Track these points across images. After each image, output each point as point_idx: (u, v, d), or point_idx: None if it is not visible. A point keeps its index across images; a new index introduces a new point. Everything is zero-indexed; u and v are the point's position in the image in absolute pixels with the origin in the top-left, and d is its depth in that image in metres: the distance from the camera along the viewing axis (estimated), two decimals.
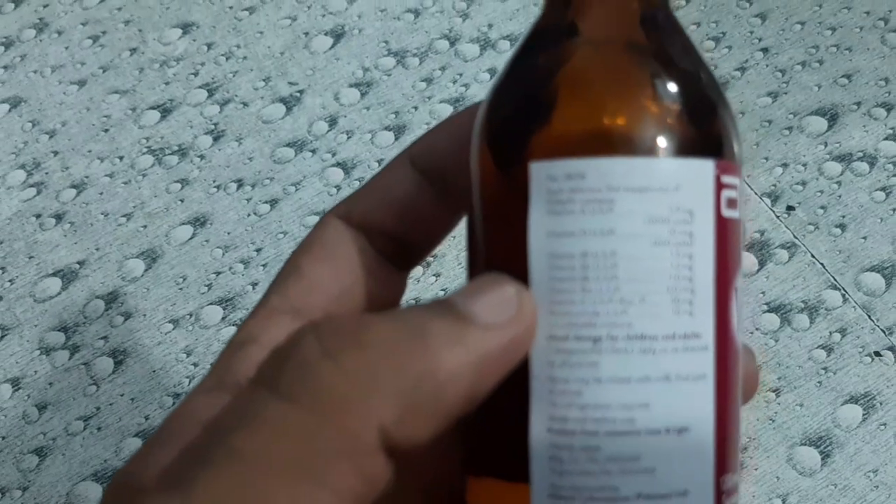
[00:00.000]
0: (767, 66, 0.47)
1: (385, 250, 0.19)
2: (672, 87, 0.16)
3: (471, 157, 0.18)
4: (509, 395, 0.16)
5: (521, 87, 0.17)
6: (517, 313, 0.15)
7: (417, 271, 0.41)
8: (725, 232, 0.16)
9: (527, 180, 0.16)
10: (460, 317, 0.15)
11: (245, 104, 0.46)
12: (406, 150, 0.19)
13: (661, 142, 0.16)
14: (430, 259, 0.42)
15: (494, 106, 0.17)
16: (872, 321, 0.40)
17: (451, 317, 0.15)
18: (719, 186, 0.16)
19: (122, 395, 0.39)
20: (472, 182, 0.18)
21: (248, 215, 0.43)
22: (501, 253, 0.17)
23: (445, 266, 0.42)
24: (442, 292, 0.42)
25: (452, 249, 0.41)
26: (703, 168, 0.16)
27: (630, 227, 0.16)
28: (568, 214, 0.16)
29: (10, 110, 0.47)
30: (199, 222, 0.43)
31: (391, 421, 0.14)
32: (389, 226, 0.19)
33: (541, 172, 0.16)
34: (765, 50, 0.47)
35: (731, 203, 0.16)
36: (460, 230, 0.19)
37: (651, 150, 0.16)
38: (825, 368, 0.39)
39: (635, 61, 0.17)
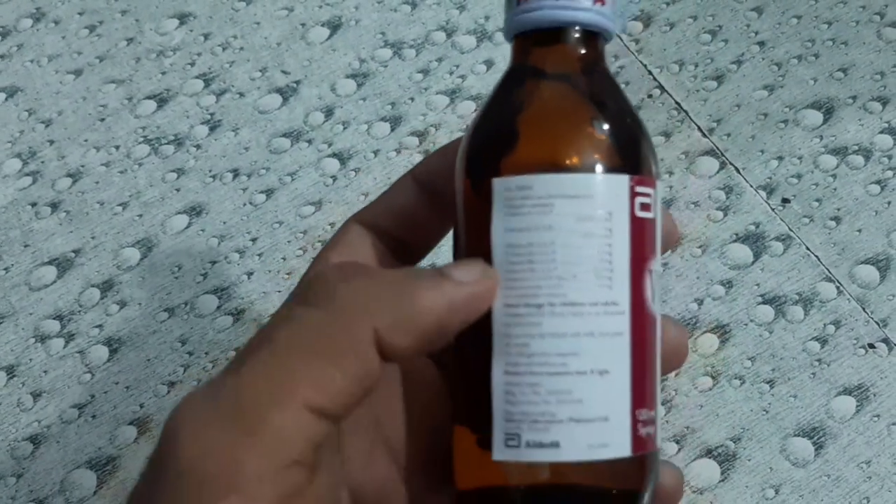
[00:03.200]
0: (763, 59, 0.47)
1: (395, 250, 0.24)
2: (601, 123, 0.23)
3: (456, 178, 0.24)
4: (478, 349, 0.22)
5: (487, 125, 0.23)
6: (481, 277, 0.22)
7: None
8: (638, 228, 0.22)
9: (491, 192, 0.22)
10: (441, 274, 0.21)
11: (241, 94, 0.46)
12: (411, 170, 0.25)
13: (589, 162, 0.22)
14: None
15: (470, 139, 0.24)
16: (867, 313, 0.40)
17: (435, 273, 0.21)
18: (633, 195, 0.22)
19: (116, 384, 0.39)
20: (456, 195, 0.23)
21: (244, 205, 0.43)
22: (474, 243, 0.23)
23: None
24: None
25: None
26: (620, 181, 0.22)
27: (564, 224, 0.22)
28: (519, 215, 0.22)
29: (6, 99, 0.47)
30: (194, 212, 0.43)
31: (382, 327, 0.20)
32: (393, 229, 0.24)
33: (500, 186, 0.22)
34: (761, 43, 0.47)
35: (644, 207, 0.22)
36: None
37: (581, 168, 0.22)
38: (819, 360, 0.39)
39: (571, 105, 0.23)
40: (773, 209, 0.43)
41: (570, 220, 0.22)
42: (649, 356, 0.23)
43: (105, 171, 0.45)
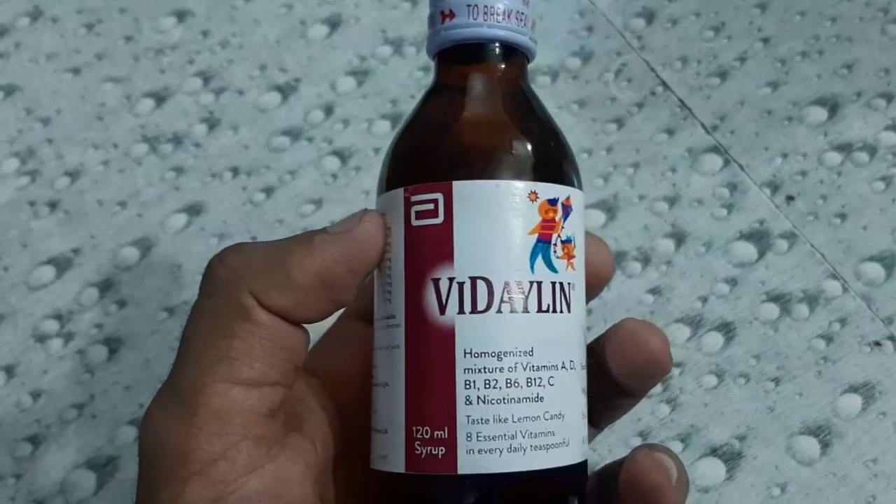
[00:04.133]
0: (767, 56, 0.46)
1: None
2: (398, 142, 0.24)
3: None
4: None
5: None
6: (358, 225, 0.23)
7: None
8: (414, 237, 0.22)
9: None
10: (317, 230, 0.23)
11: (241, 93, 0.46)
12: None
13: (383, 182, 0.24)
14: None
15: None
16: (872, 311, 0.39)
17: (313, 231, 0.23)
18: (408, 205, 0.22)
19: (116, 384, 0.39)
20: None
21: (244, 204, 0.43)
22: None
23: None
24: None
25: None
26: (396, 195, 0.23)
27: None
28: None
29: (4, 98, 0.46)
30: (194, 211, 0.43)
31: (258, 288, 0.22)
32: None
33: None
34: (765, 40, 0.47)
35: (422, 214, 0.22)
36: None
37: (380, 189, 0.24)
38: (825, 358, 0.39)
39: (402, 128, 0.25)
40: (777, 207, 0.42)
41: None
42: (430, 368, 0.21)
43: (104, 169, 0.44)
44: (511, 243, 0.22)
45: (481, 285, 0.21)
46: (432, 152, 0.23)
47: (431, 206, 0.22)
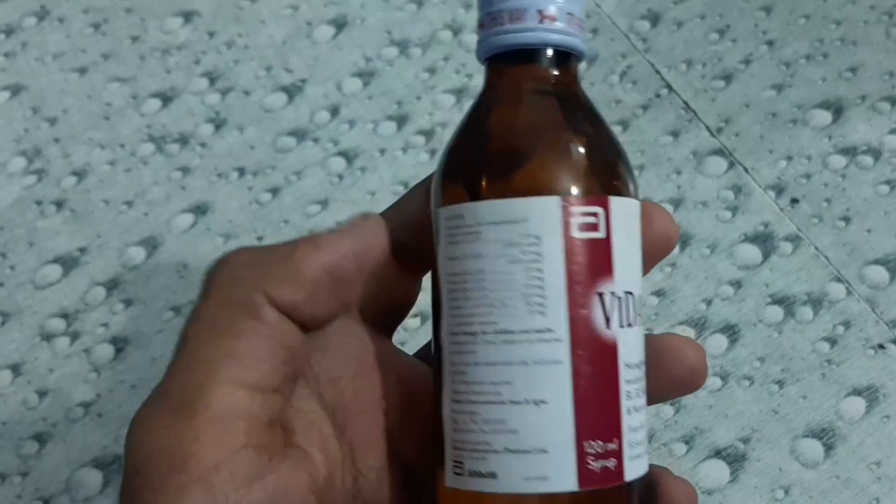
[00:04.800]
0: (772, 59, 0.46)
1: (407, 260, 0.24)
2: (528, 146, 0.22)
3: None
4: (437, 375, 0.23)
5: (448, 151, 0.24)
6: (361, 224, 0.23)
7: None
8: (577, 250, 0.21)
9: (438, 222, 0.23)
10: (323, 230, 0.23)
11: (247, 93, 0.46)
12: (423, 181, 0.25)
13: (511, 187, 0.22)
14: None
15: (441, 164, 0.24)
16: (876, 314, 0.40)
17: (320, 231, 0.23)
18: (567, 215, 0.21)
19: (122, 382, 0.39)
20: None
21: (250, 204, 0.43)
22: (433, 270, 0.23)
23: None
24: None
25: None
26: (548, 203, 0.21)
27: (491, 251, 0.21)
28: (454, 244, 0.22)
29: (11, 97, 0.46)
30: (200, 210, 0.43)
31: (269, 285, 0.21)
32: (408, 240, 0.24)
33: (441, 216, 0.23)
34: (770, 43, 0.47)
35: (585, 227, 0.21)
36: None
37: (503, 194, 0.22)
38: (829, 361, 0.39)
39: (504, 129, 0.23)
40: (781, 209, 0.42)
41: (497, 246, 0.21)
42: (603, 383, 0.22)
43: (110, 169, 0.44)
44: (640, 258, 0.23)
45: (630, 300, 0.22)
46: (592, 166, 0.22)
47: (594, 219, 0.22)
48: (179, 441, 0.19)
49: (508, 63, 0.23)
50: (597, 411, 0.21)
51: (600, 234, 0.22)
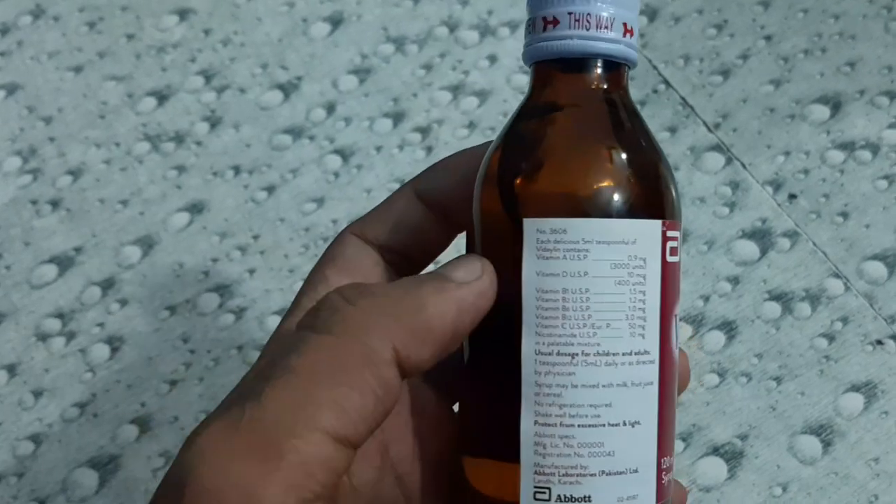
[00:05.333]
0: (770, 53, 0.46)
1: (394, 263, 0.24)
2: (634, 166, 0.22)
3: (474, 202, 0.23)
4: (504, 395, 0.22)
5: (516, 155, 0.22)
6: (482, 274, 0.21)
7: None
8: (669, 274, 0.22)
9: (521, 231, 0.21)
10: (443, 278, 0.21)
11: (243, 91, 0.46)
12: (410, 182, 0.25)
13: (625, 207, 0.21)
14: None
15: (496, 168, 0.23)
16: (874, 310, 0.39)
17: (437, 278, 0.21)
18: (665, 239, 0.22)
19: (118, 382, 0.39)
20: (474, 221, 0.23)
21: (246, 202, 0.43)
22: (502, 279, 0.22)
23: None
24: None
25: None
26: (653, 226, 0.22)
27: (599, 270, 0.21)
28: (552, 259, 0.21)
29: (6, 97, 0.46)
30: (196, 209, 0.43)
31: (399, 341, 0.20)
32: (400, 246, 0.24)
33: (532, 227, 0.21)
34: (768, 38, 0.47)
35: (673, 251, 0.22)
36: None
37: (616, 213, 0.21)
38: (827, 357, 0.38)
39: (608, 145, 0.22)
40: (779, 205, 0.42)
41: (605, 266, 0.21)
42: (672, 402, 0.23)
43: (106, 168, 0.44)
44: None
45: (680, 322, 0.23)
46: (674, 189, 0.23)
47: (677, 243, 0.22)
48: (255, 483, 0.18)
49: (581, 70, 0.22)
50: (669, 428, 0.22)
51: (678, 258, 0.22)
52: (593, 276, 0.21)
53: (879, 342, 0.39)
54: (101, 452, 0.38)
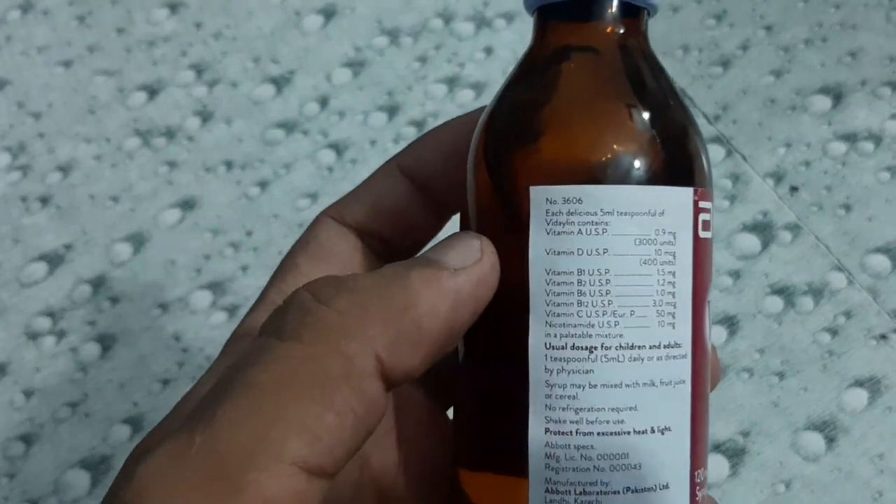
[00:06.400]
0: (770, 44, 0.46)
1: (376, 249, 0.21)
2: (660, 124, 0.18)
3: (468, 175, 0.19)
4: (508, 397, 0.18)
5: (519, 115, 0.19)
6: (481, 257, 0.18)
7: None
8: (701, 251, 0.18)
9: (526, 202, 0.18)
10: (434, 264, 0.17)
11: (234, 85, 0.45)
12: (394, 158, 0.21)
13: (651, 172, 0.18)
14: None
15: (493, 132, 0.19)
16: (878, 304, 0.39)
17: (426, 265, 0.17)
18: (697, 211, 0.18)
19: (110, 381, 0.39)
20: (469, 197, 0.19)
21: (239, 198, 0.42)
22: (504, 260, 0.18)
23: None
24: None
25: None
26: (685, 195, 0.18)
27: (621, 248, 0.18)
28: (566, 235, 0.18)
29: None
30: (188, 205, 0.42)
31: (384, 346, 0.16)
32: (382, 230, 0.21)
33: (541, 196, 0.18)
34: (768, 28, 0.46)
35: (706, 225, 0.18)
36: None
37: (641, 179, 0.18)
38: (830, 352, 0.38)
39: (629, 100, 0.19)
40: (780, 198, 0.42)
41: (628, 242, 0.18)
42: (705, 405, 0.19)
43: (96, 164, 0.44)
44: None
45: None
46: (704, 152, 0.19)
47: (709, 216, 0.19)
48: None
49: (594, 15, 0.19)
50: (703, 435, 0.19)
51: (710, 234, 0.19)
52: (614, 255, 0.18)
53: (883, 336, 0.38)
54: (94, 453, 0.37)
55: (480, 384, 0.19)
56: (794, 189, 0.42)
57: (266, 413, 0.15)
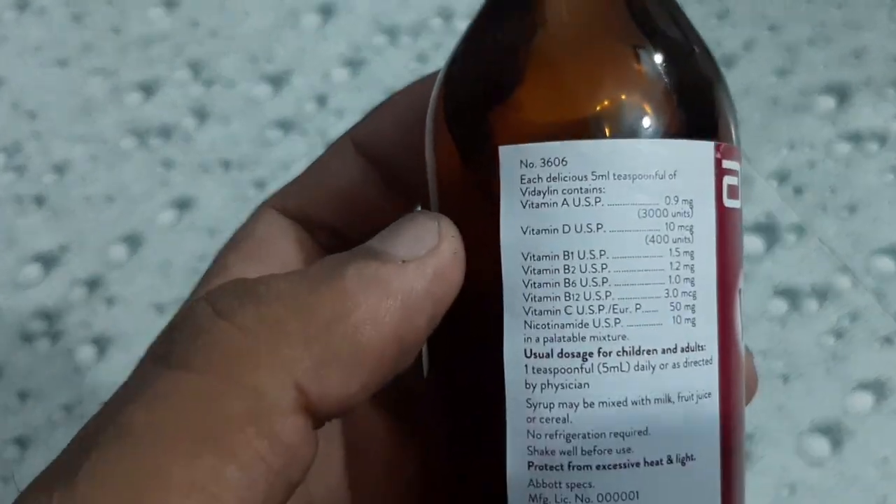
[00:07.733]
0: (773, 43, 0.45)
1: (326, 244, 0.17)
2: (664, 60, 0.14)
3: (426, 143, 0.15)
4: (479, 424, 0.14)
5: (485, 59, 0.15)
6: (438, 243, 0.13)
7: None
8: (728, 225, 0.14)
9: (495, 167, 0.13)
10: (377, 256, 0.13)
11: (231, 84, 0.45)
12: (348, 132, 0.17)
13: (655, 121, 0.14)
14: None
15: (454, 83, 0.15)
16: (883, 306, 0.38)
17: (366, 257, 0.13)
18: (721, 172, 0.14)
19: (105, 384, 0.38)
20: (429, 171, 0.15)
21: (235, 199, 0.42)
22: (469, 246, 0.14)
23: None
24: None
25: None
26: (704, 150, 0.14)
27: (621, 222, 0.13)
28: (547, 207, 0.13)
29: None
30: (184, 206, 0.42)
31: (305, 371, 0.12)
32: (333, 220, 0.17)
33: (512, 158, 0.13)
34: (771, 27, 0.46)
35: (733, 191, 0.14)
36: None
37: (644, 131, 0.13)
38: (834, 355, 0.38)
39: (621, 31, 0.14)
40: (784, 199, 0.41)
41: (630, 214, 0.13)
42: (742, 424, 0.15)
43: (91, 164, 0.43)
44: None
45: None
46: (728, 101, 0.15)
47: (737, 179, 0.14)
48: None
49: None
50: (737, 465, 0.15)
51: (738, 204, 0.14)
52: (611, 231, 0.13)
53: (888, 339, 0.38)
54: None
55: (447, 407, 0.15)
56: (798, 190, 0.41)
57: (141, 470, 0.12)
